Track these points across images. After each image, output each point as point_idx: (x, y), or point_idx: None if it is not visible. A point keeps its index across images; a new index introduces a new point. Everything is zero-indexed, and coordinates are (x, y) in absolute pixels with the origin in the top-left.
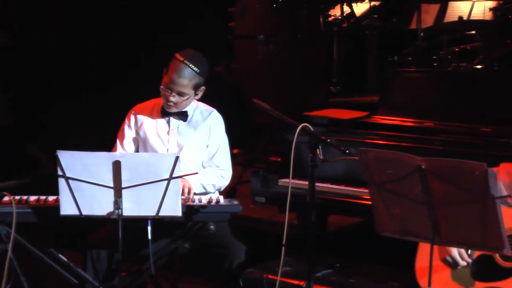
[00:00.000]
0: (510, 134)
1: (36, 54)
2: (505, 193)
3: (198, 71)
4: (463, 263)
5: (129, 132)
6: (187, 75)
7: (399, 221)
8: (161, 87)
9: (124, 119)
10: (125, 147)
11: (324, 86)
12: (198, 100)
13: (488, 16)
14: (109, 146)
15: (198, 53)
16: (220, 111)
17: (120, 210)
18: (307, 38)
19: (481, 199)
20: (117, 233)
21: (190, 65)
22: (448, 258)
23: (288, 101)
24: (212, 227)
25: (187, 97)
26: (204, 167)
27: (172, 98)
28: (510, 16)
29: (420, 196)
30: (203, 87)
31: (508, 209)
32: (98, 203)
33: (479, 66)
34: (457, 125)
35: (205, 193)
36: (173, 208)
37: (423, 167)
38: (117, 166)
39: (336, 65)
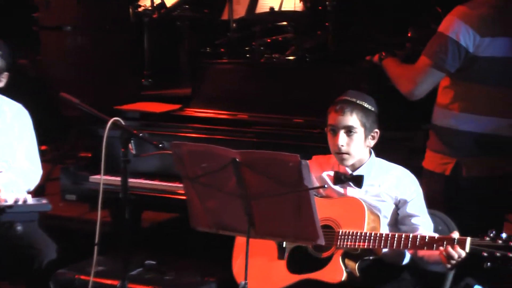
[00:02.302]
0: (323, 125)
1: None
2: (317, 185)
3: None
4: None
5: None
6: None
7: (214, 215)
8: None
9: None
10: None
11: (135, 79)
12: (3, 88)
13: (299, 7)
14: None
15: None
16: (26, 106)
17: None
18: (116, 29)
19: (295, 190)
20: None
21: None
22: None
23: (98, 95)
24: (19, 227)
25: None
26: (12, 168)
27: None
28: (320, 8)
29: (234, 189)
30: (6, 73)
31: (321, 199)
32: None
33: (291, 57)
34: (271, 116)
35: None
36: None
37: (237, 159)
38: None
39: (147, 57)
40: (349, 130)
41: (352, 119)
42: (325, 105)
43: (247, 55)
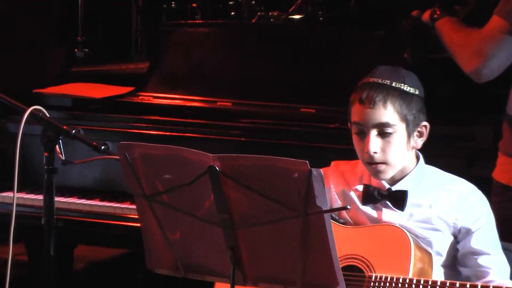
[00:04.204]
0: (343, 117)
1: None
2: (338, 203)
3: None
4: None
5: None
6: None
7: (181, 252)
8: None
9: None
10: None
11: (63, 49)
12: None
13: None
14: None
15: None
16: None
17: None
18: None
19: (301, 213)
20: None
21: None
22: None
23: (8, 72)
24: None
25: None
26: None
27: None
28: None
29: (212, 212)
30: None
31: (343, 227)
32: None
33: (296, 16)
34: (266, 104)
35: None
36: None
37: (216, 168)
38: None
39: (81, 16)
40: (383, 130)
41: (387, 112)
42: (347, 87)
43: (232, 13)
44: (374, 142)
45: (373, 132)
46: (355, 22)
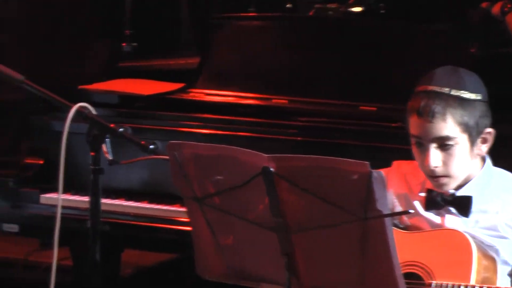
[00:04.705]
0: (404, 115)
1: None
2: (399, 208)
3: None
4: None
5: None
6: None
7: (233, 257)
8: None
9: None
10: None
11: (110, 43)
12: None
13: None
14: None
15: None
16: None
17: None
18: None
19: (361, 217)
20: None
21: None
22: None
23: (52, 68)
24: None
25: None
26: None
27: None
28: None
29: (266, 216)
30: None
31: (403, 233)
32: None
33: (356, 9)
34: (324, 102)
35: None
36: None
37: (271, 169)
38: None
39: (129, 9)
40: (444, 143)
41: (447, 125)
42: (410, 84)
43: (287, 6)
44: (435, 156)
45: (433, 145)
46: (419, 14)
